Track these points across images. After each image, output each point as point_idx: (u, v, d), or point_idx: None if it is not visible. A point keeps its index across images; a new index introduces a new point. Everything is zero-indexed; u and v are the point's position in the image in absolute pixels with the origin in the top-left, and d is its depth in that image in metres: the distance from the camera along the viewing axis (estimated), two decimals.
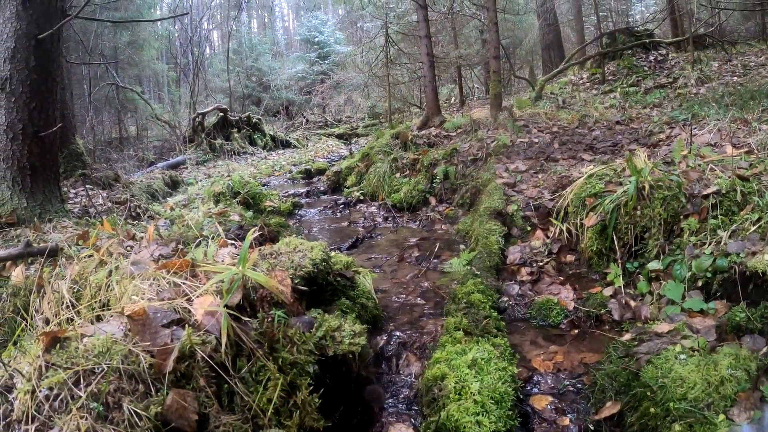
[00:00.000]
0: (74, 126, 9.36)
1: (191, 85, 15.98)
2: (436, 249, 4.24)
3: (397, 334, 2.85)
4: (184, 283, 2.08)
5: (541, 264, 3.76)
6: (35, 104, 4.19)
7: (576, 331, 2.93)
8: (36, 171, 4.28)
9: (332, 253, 2.97)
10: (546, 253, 3.90)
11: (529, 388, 2.40)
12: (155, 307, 1.78)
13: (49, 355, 1.51)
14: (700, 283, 2.81)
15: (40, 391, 1.41)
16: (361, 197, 6.90)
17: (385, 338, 2.77)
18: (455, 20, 13.68)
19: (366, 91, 18.67)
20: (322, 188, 8.01)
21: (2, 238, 3.94)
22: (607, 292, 3.23)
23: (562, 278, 3.60)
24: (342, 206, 6.68)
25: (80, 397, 1.40)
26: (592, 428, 2.11)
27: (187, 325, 1.73)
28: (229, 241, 2.85)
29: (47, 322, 2.56)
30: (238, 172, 11.00)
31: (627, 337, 2.60)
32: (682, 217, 3.19)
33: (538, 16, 16.71)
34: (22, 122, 4.14)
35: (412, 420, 2.19)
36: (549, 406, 2.25)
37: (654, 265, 3.12)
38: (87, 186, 7.21)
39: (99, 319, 1.95)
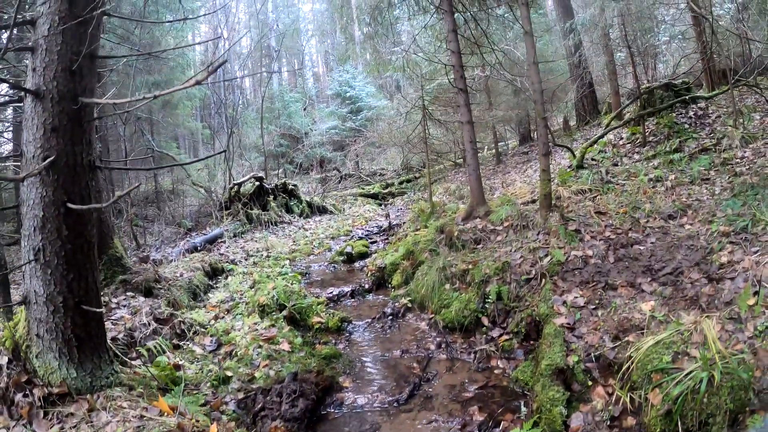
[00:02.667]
0: (113, 229, 9.42)
1: (226, 150, 16.14)
2: (502, 424, 4.09)
3: None
4: None
5: None
6: (73, 275, 4.08)
7: None
8: (82, 341, 4.20)
9: None
10: (608, 420, 3.79)
11: None
12: None
13: None
14: None
15: None
16: (409, 305, 6.79)
17: None
18: (488, 82, 13.66)
19: (401, 149, 18.70)
20: (366, 285, 7.91)
21: (57, 418, 3.88)
22: None
23: None
24: (390, 318, 6.58)
25: None
26: None
27: None
28: None
29: None
30: (277, 249, 11.02)
31: None
32: (747, 409, 3.13)
33: (570, 68, 16.57)
34: (61, 294, 4.04)
35: None
36: None
37: None
38: (128, 294, 7.24)
39: None
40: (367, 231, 12.45)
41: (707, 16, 12.46)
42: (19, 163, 4.28)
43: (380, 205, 16.85)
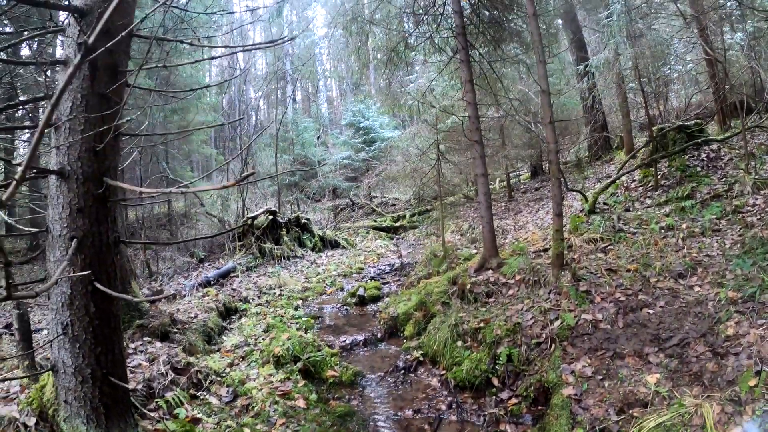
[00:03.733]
0: (131, 273, 9.64)
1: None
2: None
3: None
4: None
5: None
6: (101, 349, 4.21)
7: None
8: (109, 408, 4.34)
9: None
10: None
11: None
12: None
13: None
14: None
15: None
16: (421, 358, 6.92)
17: None
18: (503, 123, 13.84)
19: (413, 180, 18.88)
20: (378, 334, 8.05)
21: None
22: None
23: None
24: (402, 372, 6.72)
25: None
26: None
27: None
28: None
29: None
30: (290, 286, 11.17)
31: None
32: None
33: (584, 109, 16.71)
34: (89, 366, 4.17)
35: None
36: None
37: None
38: (145, 339, 7.41)
39: None
40: (379, 270, 12.56)
41: (720, 60, 12.60)
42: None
43: (392, 239, 17.01)
